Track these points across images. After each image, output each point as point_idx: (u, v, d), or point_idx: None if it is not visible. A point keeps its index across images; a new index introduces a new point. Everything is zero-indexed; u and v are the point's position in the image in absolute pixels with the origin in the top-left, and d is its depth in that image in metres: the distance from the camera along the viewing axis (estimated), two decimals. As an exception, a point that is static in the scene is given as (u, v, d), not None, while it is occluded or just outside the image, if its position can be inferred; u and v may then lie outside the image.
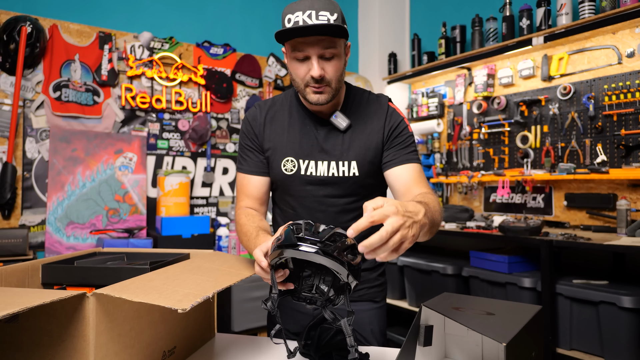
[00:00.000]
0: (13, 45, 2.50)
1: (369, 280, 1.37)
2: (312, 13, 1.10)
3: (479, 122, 3.19)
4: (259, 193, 1.34)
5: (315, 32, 1.11)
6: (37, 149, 2.66)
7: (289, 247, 0.87)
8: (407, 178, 1.24)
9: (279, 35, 1.12)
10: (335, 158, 1.27)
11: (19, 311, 0.66)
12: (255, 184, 1.34)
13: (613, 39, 2.51)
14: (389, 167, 1.27)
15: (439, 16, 3.59)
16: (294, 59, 1.18)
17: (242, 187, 1.36)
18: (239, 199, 1.36)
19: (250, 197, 1.34)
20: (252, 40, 3.51)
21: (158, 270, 1.01)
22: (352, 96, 1.33)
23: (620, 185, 2.49)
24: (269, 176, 1.34)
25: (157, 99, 3.06)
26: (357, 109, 1.31)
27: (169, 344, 1.03)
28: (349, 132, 1.28)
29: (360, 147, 1.27)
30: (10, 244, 2.32)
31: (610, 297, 1.98)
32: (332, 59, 1.16)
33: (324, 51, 1.14)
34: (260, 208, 1.35)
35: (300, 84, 1.20)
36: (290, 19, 1.12)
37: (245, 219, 1.26)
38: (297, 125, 1.31)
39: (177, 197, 2.88)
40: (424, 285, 2.85)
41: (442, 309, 0.90)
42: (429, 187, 1.23)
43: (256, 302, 2.89)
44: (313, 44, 1.13)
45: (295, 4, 1.13)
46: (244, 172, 1.35)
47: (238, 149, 1.39)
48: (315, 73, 1.14)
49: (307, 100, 1.22)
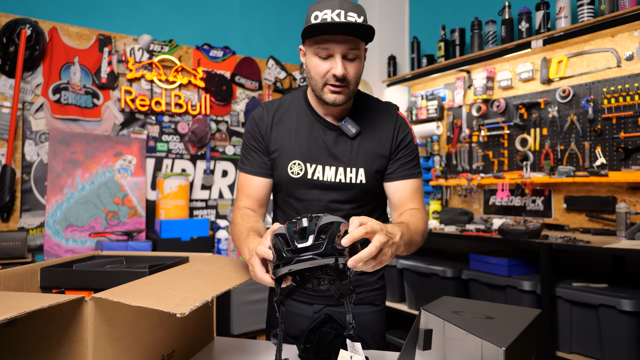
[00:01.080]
0: (12, 47, 2.51)
1: (368, 283, 1.37)
2: (341, 12, 1.10)
3: (479, 124, 3.19)
4: (259, 194, 1.33)
5: (345, 30, 1.11)
6: (37, 152, 2.66)
7: (286, 264, 0.86)
8: (403, 193, 1.28)
9: (307, 31, 1.11)
10: (344, 164, 1.26)
11: (17, 316, 0.66)
12: (257, 184, 1.32)
13: (612, 42, 2.52)
14: (390, 179, 1.29)
15: (439, 19, 3.59)
16: (316, 56, 1.16)
17: (242, 187, 1.34)
18: (238, 198, 1.35)
19: (249, 197, 1.32)
20: (252, 43, 3.51)
21: (157, 274, 1.01)
22: (361, 102, 1.32)
23: (620, 188, 2.49)
24: (272, 178, 1.33)
25: (157, 101, 3.06)
26: (367, 116, 1.30)
27: (168, 348, 1.02)
28: (357, 138, 1.27)
29: (369, 155, 1.27)
30: (9, 247, 2.32)
31: (610, 301, 1.98)
32: (354, 60, 1.16)
33: (349, 51, 1.14)
34: (259, 209, 1.33)
35: (319, 82, 1.18)
36: (318, 16, 1.12)
37: (240, 219, 1.24)
38: (306, 128, 1.29)
39: (177, 199, 2.88)
40: (423, 288, 2.84)
41: (441, 313, 0.90)
42: (421, 204, 1.29)
43: (255, 305, 2.88)
44: (339, 42, 1.12)
45: (324, 2, 1.13)
46: (246, 172, 1.33)
47: (242, 148, 1.37)
48: (338, 72, 1.14)
49: (322, 100, 1.21)
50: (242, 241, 1.15)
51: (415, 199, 1.28)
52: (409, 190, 1.28)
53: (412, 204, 1.28)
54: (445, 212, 3.10)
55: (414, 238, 1.11)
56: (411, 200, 1.28)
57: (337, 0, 1.12)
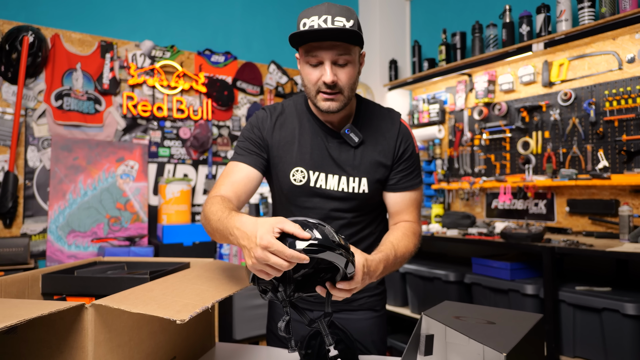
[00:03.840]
0: (15, 54, 2.52)
1: (369, 288, 1.36)
2: (328, 18, 1.08)
3: (480, 128, 3.19)
4: (245, 187, 1.20)
5: (329, 36, 1.08)
6: (39, 158, 2.67)
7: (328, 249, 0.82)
8: (401, 205, 1.29)
9: (293, 39, 1.09)
10: (347, 173, 1.25)
11: (17, 323, 0.66)
12: (246, 174, 1.22)
13: (613, 44, 2.52)
14: (390, 190, 1.30)
15: (439, 23, 3.60)
16: (307, 64, 1.15)
17: (227, 173, 1.22)
18: (218, 184, 1.20)
19: (233, 185, 1.19)
20: (253, 48, 3.52)
21: (157, 280, 1.01)
22: (364, 109, 1.31)
23: (623, 191, 2.48)
24: (262, 176, 1.27)
25: (159, 107, 3.07)
26: (369, 124, 1.29)
27: (169, 354, 1.02)
28: (360, 147, 1.26)
29: (372, 165, 1.26)
30: (12, 253, 2.32)
31: (614, 304, 1.97)
32: (345, 66, 1.14)
33: (338, 57, 1.11)
34: (237, 204, 1.17)
35: (312, 89, 1.16)
36: (306, 23, 1.10)
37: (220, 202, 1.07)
38: (308, 135, 1.26)
39: (179, 204, 2.88)
40: (426, 292, 2.83)
41: (442, 318, 0.90)
42: (416, 217, 1.31)
43: (257, 310, 2.88)
44: (327, 49, 1.10)
45: (312, 8, 1.11)
46: (237, 160, 1.24)
47: (237, 143, 1.30)
48: (327, 79, 1.11)
49: (317, 107, 1.19)
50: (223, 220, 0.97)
51: (411, 211, 1.31)
52: (406, 202, 1.30)
53: (408, 216, 1.30)
54: (447, 216, 3.10)
55: (398, 263, 1.15)
56: (408, 213, 1.30)
57: (325, 6, 1.10)
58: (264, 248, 0.80)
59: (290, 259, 0.79)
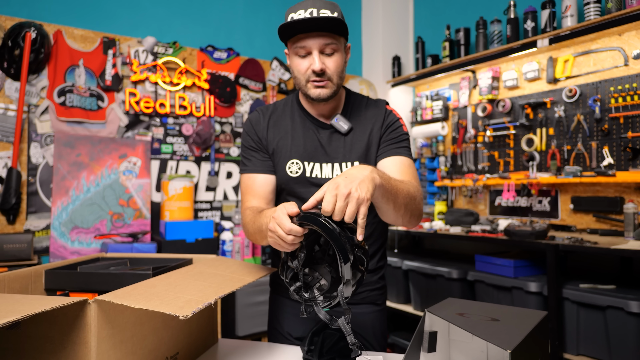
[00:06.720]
0: (18, 51, 2.52)
1: (370, 283, 1.37)
2: (313, 11, 1.16)
3: (484, 125, 3.18)
4: (265, 192, 1.32)
5: (316, 26, 1.15)
6: (42, 154, 2.67)
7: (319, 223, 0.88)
8: (392, 169, 1.26)
9: (282, 31, 1.17)
10: (339, 160, 1.30)
11: (20, 319, 0.66)
12: (262, 182, 1.32)
13: (619, 40, 2.49)
14: (379, 159, 1.31)
15: (443, 19, 3.58)
16: (296, 55, 1.22)
17: (247, 188, 1.33)
18: (245, 200, 1.33)
19: (256, 196, 1.31)
20: (256, 44, 3.51)
21: (160, 276, 1.01)
22: (352, 101, 1.37)
23: (628, 189, 2.46)
24: (275, 175, 1.34)
25: (161, 103, 3.06)
26: (357, 113, 1.34)
27: (172, 350, 1.02)
28: (350, 134, 1.31)
29: (362, 148, 1.30)
30: (15, 249, 2.33)
31: (618, 302, 1.96)
32: (332, 55, 1.20)
33: (325, 47, 1.19)
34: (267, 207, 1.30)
35: (302, 79, 1.23)
36: (293, 17, 1.18)
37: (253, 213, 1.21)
38: (300, 129, 1.33)
39: (181, 201, 2.88)
40: (429, 290, 2.83)
41: (446, 315, 0.89)
42: (412, 178, 1.25)
43: (260, 307, 2.88)
44: (314, 38, 1.17)
45: (298, 4, 1.19)
46: (248, 172, 1.34)
47: (241, 152, 1.39)
48: (316, 67, 1.18)
49: (308, 96, 1.25)
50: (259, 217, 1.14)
51: (407, 173, 1.25)
52: (398, 166, 1.26)
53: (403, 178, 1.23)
54: (450, 213, 3.09)
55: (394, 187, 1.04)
56: (402, 176, 1.24)
57: (310, 1, 1.17)
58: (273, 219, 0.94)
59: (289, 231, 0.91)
